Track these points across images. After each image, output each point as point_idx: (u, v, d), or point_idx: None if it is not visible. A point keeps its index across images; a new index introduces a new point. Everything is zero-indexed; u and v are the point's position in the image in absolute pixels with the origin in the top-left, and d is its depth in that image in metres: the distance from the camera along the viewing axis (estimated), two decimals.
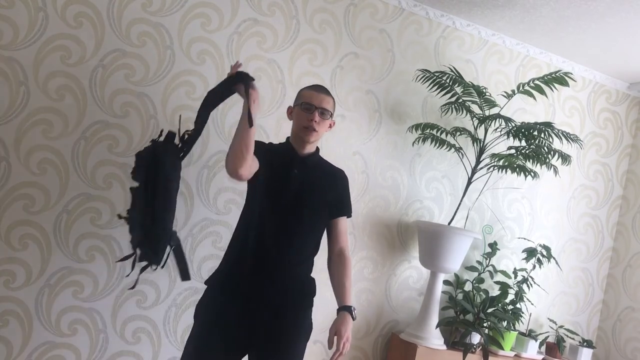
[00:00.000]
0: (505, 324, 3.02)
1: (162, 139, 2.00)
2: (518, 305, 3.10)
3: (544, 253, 3.16)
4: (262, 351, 2.00)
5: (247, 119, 1.84)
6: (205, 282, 2.11)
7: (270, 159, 2.06)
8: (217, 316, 1.99)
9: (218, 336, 1.96)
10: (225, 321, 1.98)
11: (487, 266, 3.16)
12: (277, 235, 2.04)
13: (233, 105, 2.64)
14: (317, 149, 2.21)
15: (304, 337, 2.11)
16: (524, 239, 3.32)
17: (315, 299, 2.77)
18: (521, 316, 3.08)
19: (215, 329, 1.98)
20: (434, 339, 2.81)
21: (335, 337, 1.99)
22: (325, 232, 2.22)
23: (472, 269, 3.15)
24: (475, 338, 2.94)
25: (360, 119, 2.97)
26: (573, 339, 3.40)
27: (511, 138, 2.95)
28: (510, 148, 3.00)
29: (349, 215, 2.25)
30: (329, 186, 2.18)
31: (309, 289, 2.16)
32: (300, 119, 2.09)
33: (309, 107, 2.08)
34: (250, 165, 1.92)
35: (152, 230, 1.91)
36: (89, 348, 2.47)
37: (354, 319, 2.07)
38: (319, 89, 2.15)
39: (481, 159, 2.98)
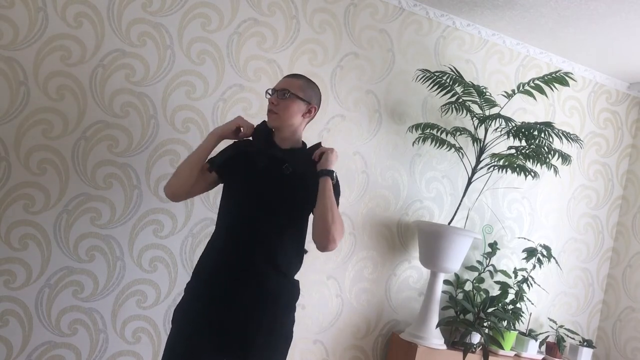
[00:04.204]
0: (505, 323, 3.02)
1: None
2: (518, 305, 3.10)
3: (544, 253, 3.16)
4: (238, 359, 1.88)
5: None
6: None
7: (238, 159, 2.02)
8: (190, 321, 1.89)
9: (190, 342, 1.86)
10: (197, 327, 1.87)
11: (487, 266, 3.16)
12: (253, 237, 1.91)
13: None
14: (304, 144, 2.10)
15: (282, 346, 1.96)
16: (524, 238, 3.32)
17: (314, 298, 2.77)
18: (521, 316, 3.08)
19: (188, 335, 1.88)
20: (434, 339, 2.81)
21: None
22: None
23: (472, 268, 3.15)
24: (476, 338, 2.94)
25: (360, 119, 2.97)
26: (573, 338, 3.40)
27: (511, 138, 2.95)
28: (510, 148, 3.00)
29: None
30: (308, 181, 1.98)
31: (291, 293, 2.00)
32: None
33: (270, 92, 2.02)
34: (189, 187, 2.01)
35: None
36: (89, 348, 2.47)
37: (333, 180, 1.97)
38: (288, 75, 2.09)
39: (481, 159, 2.98)
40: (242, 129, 2.06)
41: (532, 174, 2.89)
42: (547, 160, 2.90)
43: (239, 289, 1.89)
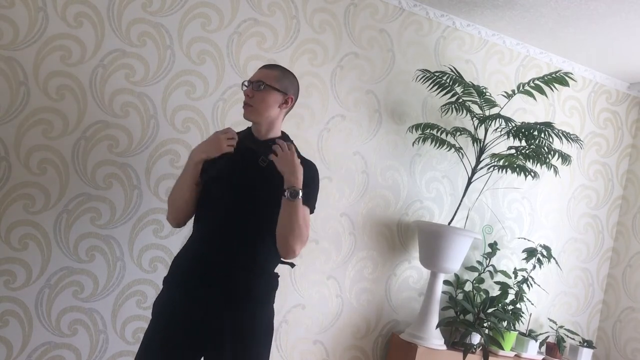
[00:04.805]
0: (505, 324, 3.02)
1: None
2: (518, 306, 3.10)
3: (544, 253, 3.16)
4: (215, 354, 1.86)
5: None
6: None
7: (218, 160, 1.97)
8: (168, 314, 1.88)
9: (166, 334, 1.86)
10: (174, 320, 1.86)
11: (487, 266, 3.16)
12: (230, 230, 1.90)
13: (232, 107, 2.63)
14: (283, 134, 2.04)
15: (264, 340, 1.94)
16: (524, 239, 3.31)
17: (314, 298, 2.76)
18: (521, 316, 3.08)
19: (164, 327, 1.87)
20: (434, 339, 2.81)
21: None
22: None
23: (472, 269, 3.14)
24: (476, 338, 2.94)
25: (360, 119, 2.97)
26: (573, 339, 3.40)
27: (511, 138, 2.95)
28: (510, 148, 3.00)
29: (309, 209, 1.95)
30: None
31: (269, 285, 1.97)
32: None
33: (245, 84, 1.97)
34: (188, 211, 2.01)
35: None
36: (89, 348, 2.47)
37: (291, 197, 1.84)
38: (263, 66, 2.04)
39: (481, 159, 2.98)
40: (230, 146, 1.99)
41: (532, 174, 2.89)
42: (547, 160, 2.90)
43: (216, 283, 1.87)
